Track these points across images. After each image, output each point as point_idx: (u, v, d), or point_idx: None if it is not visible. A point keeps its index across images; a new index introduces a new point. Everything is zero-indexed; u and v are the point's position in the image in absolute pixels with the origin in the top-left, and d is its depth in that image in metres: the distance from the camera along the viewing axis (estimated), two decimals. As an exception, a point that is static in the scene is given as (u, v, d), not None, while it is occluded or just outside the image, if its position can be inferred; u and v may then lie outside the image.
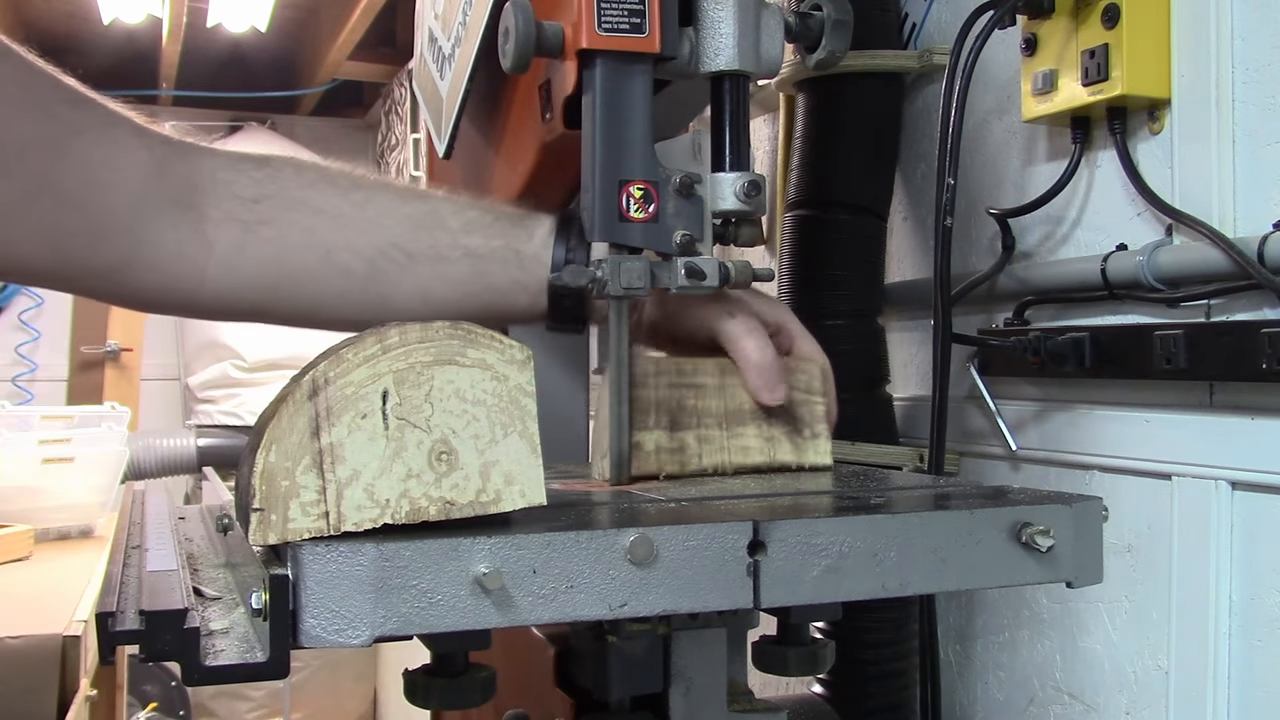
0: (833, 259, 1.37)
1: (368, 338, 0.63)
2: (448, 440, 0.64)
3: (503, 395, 0.65)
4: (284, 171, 0.91)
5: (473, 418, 0.64)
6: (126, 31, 3.90)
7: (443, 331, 0.64)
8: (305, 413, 0.61)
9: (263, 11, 3.59)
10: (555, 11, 0.82)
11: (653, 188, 0.82)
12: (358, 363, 0.62)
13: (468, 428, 0.64)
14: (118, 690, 2.81)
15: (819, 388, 0.93)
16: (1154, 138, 1.10)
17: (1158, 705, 1.10)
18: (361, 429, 0.62)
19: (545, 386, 0.81)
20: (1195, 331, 1.02)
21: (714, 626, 0.83)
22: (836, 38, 0.90)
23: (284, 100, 4.57)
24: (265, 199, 0.88)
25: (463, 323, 0.65)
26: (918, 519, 0.71)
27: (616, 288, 0.83)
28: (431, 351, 0.64)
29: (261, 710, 4.20)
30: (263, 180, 0.89)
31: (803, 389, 0.93)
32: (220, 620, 0.65)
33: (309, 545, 0.60)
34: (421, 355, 0.63)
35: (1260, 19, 1.00)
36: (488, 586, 0.61)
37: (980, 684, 1.34)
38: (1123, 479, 1.14)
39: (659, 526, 0.65)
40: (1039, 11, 1.14)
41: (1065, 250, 1.22)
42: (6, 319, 4.39)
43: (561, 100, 0.85)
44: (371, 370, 0.62)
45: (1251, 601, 1.02)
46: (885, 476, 0.99)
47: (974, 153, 1.34)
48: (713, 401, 0.90)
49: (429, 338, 0.64)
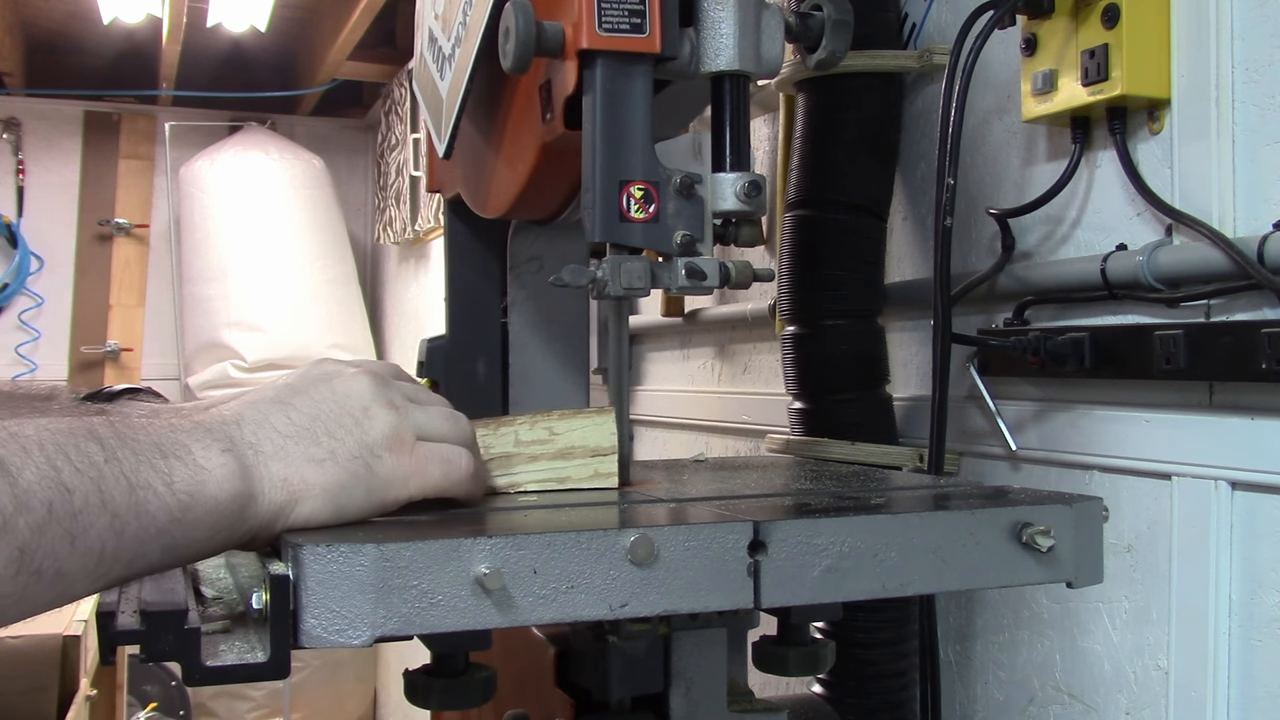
0: (833, 259, 1.37)
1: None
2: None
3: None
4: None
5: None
6: (126, 31, 3.91)
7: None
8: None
9: (262, 11, 3.58)
10: (556, 11, 0.82)
11: (653, 188, 0.82)
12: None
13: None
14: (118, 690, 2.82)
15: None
16: (1154, 138, 1.10)
17: (1158, 705, 1.10)
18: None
19: (546, 386, 0.81)
20: (1195, 331, 1.02)
21: (714, 627, 0.83)
22: (837, 38, 0.90)
23: (284, 100, 4.57)
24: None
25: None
26: (918, 519, 0.71)
27: (617, 288, 0.83)
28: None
29: (261, 710, 4.20)
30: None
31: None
32: (220, 620, 0.65)
33: (309, 545, 0.60)
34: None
35: (1260, 19, 1.01)
36: (488, 587, 0.61)
37: (980, 684, 1.34)
38: (1123, 479, 1.14)
39: (659, 527, 0.65)
40: (1039, 11, 1.14)
41: (1065, 250, 1.22)
42: (6, 319, 4.39)
43: (562, 100, 0.84)
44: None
45: (1251, 601, 1.02)
46: (885, 476, 0.99)
47: (974, 153, 1.34)
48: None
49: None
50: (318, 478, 0.68)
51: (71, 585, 0.58)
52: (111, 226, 4.53)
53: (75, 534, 0.57)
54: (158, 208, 4.62)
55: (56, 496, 0.56)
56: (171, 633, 0.59)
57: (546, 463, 0.86)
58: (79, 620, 2.30)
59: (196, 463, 0.63)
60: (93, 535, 0.57)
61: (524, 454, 0.85)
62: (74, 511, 0.57)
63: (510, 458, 0.85)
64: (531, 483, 0.85)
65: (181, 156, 4.48)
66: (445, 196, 1.30)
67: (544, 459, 0.86)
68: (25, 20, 4.06)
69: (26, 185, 4.43)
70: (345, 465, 0.70)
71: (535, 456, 0.86)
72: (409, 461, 0.73)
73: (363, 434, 0.72)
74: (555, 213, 1.06)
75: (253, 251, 4.21)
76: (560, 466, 0.86)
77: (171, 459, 0.62)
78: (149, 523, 0.60)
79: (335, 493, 0.69)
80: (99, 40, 4.16)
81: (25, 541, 0.54)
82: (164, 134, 4.59)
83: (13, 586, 0.54)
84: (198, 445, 0.64)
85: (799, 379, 1.41)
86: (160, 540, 0.61)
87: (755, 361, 1.88)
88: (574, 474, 0.86)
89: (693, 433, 2.06)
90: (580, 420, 0.86)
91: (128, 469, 0.60)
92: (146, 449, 0.62)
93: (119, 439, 0.61)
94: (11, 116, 4.41)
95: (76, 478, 0.57)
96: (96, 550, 0.58)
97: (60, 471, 0.57)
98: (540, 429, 0.86)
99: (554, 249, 1.20)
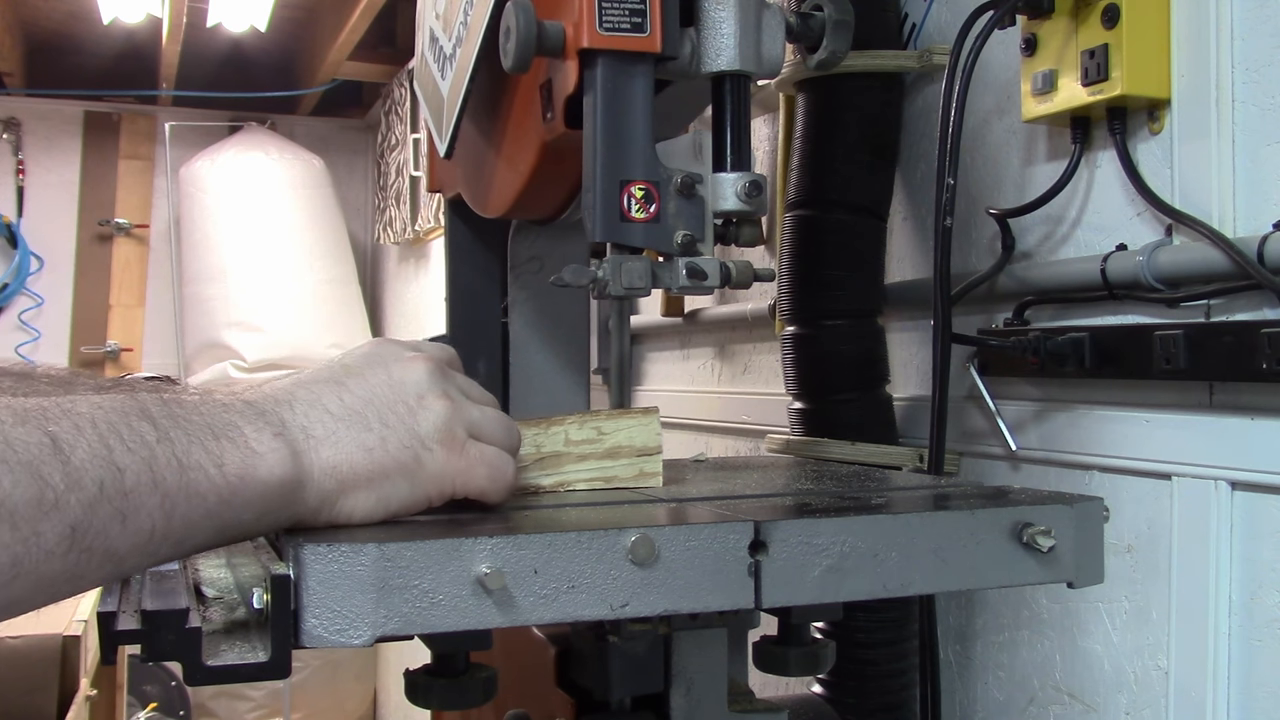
0: (833, 259, 1.37)
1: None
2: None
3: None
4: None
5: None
6: (126, 31, 3.90)
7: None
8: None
9: (262, 11, 3.58)
10: (556, 11, 0.82)
11: (654, 188, 0.82)
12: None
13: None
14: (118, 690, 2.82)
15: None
16: (1154, 138, 1.10)
17: (1158, 705, 1.10)
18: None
19: (546, 386, 0.81)
20: (1195, 331, 1.02)
21: (715, 627, 0.83)
22: (837, 38, 0.90)
23: (284, 100, 4.57)
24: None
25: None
26: (919, 519, 0.71)
27: (617, 288, 0.83)
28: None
29: (261, 710, 4.20)
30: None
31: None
32: (221, 620, 0.65)
33: (310, 545, 0.60)
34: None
35: (1260, 19, 1.01)
36: (489, 586, 0.61)
37: (980, 684, 1.34)
38: (1123, 479, 1.14)
39: (660, 527, 0.65)
40: (1039, 11, 1.14)
41: (1065, 250, 1.22)
42: (6, 319, 4.39)
43: (563, 100, 0.85)
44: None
45: (1251, 601, 1.02)
46: (885, 476, 0.99)
47: (974, 153, 1.34)
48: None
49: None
50: (366, 466, 0.67)
51: (121, 563, 0.58)
52: (111, 226, 4.53)
53: (126, 513, 0.56)
54: (158, 208, 4.62)
55: (108, 475, 0.56)
56: (172, 632, 0.59)
57: (595, 462, 0.86)
58: (79, 620, 2.30)
59: (248, 445, 0.63)
60: (143, 514, 0.57)
61: (573, 453, 0.86)
62: (125, 490, 0.56)
63: (560, 457, 0.86)
64: (580, 482, 0.86)
65: (181, 156, 4.48)
66: (446, 196, 1.30)
67: (592, 458, 0.86)
68: (25, 20, 4.06)
69: (26, 185, 4.43)
70: (395, 454, 0.69)
71: (584, 456, 0.86)
72: (459, 460, 0.72)
73: (415, 423, 0.70)
74: (556, 212, 1.06)
75: (253, 251, 4.21)
76: (608, 466, 0.86)
77: (223, 440, 0.62)
78: (199, 504, 0.60)
79: (381, 482, 0.68)
80: (99, 40, 4.16)
81: (77, 519, 0.54)
82: (164, 134, 4.59)
83: (64, 564, 0.54)
84: (250, 427, 0.64)
85: (799, 379, 1.41)
86: (210, 521, 0.61)
87: (755, 361, 1.88)
88: (620, 473, 0.87)
89: (693, 433, 2.06)
90: (627, 420, 0.87)
91: (179, 449, 0.60)
92: (199, 429, 0.62)
93: (171, 419, 0.61)
94: (11, 116, 4.42)
95: (128, 457, 0.57)
96: (147, 529, 0.58)
97: (112, 450, 0.57)
98: (589, 429, 0.86)
99: (554, 249, 1.20)
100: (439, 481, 0.71)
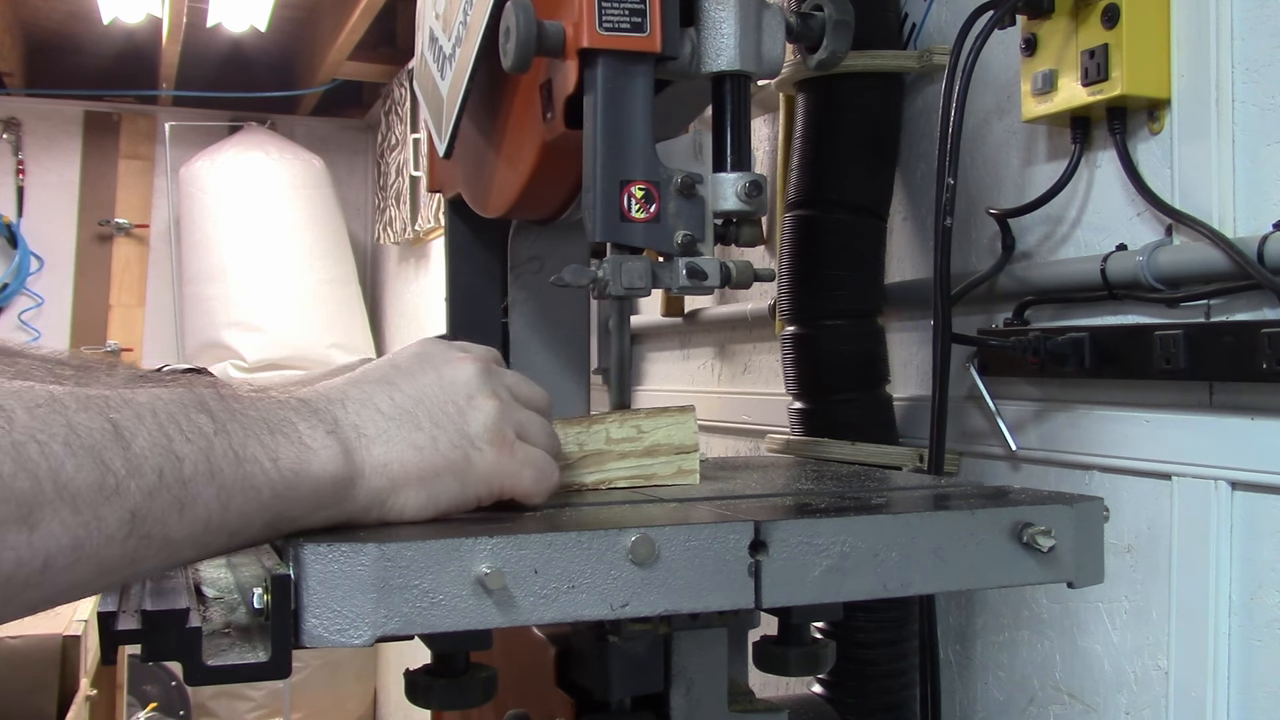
0: (833, 259, 1.37)
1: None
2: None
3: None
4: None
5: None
6: (126, 31, 3.90)
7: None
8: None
9: (262, 11, 3.59)
10: (556, 11, 0.82)
11: (654, 188, 0.82)
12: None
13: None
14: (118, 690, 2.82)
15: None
16: (1154, 138, 1.10)
17: (1158, 705, 1.10)
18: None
19: (546, 386, 0.81)
20: (1195, 331, 1.02)
21: (715, 627, 0.83)
22: (838, 38, 0.90)
23: (284, 100, 4.57)
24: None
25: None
26: (919, 519, 0.71)
27: (618, 288, 0.83)
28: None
29: (261, 710, 4.20)
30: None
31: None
32: (221, 620, 0.65)
33: (310, 545, 0.60)
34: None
35: (1260, 19, 1.01)
36: (489, 586, 0.61)
37: (980, 684, 1.34)
38: (1123, 479, 1.14)
39: (660, 527, 0.65)
40: (1039, 11, 1.14)
41: (1065, 250, 1.22)
42: (6, 319, 4.39)
43: (563, 100, 0.85)
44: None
45: (1251, 601, 1.02)
46: (885, 476, 0.99)
47: (974, 153, 1.34)
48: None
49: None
50: (416, 465, 0.68)
51: (178, 551, 0.58)
52: (111, 226, 4.53)
53: (184, 501, 0.57)
54: (158, 208, 4.62)
55: (167, 463, 0.56)
56: (173, 632, 0.59)
57: (635, 460, 0.87)
58: (79, 620, 2.30)
59: (302, 440, 0.64)
60: (200, 504, 0.58)
61: (615, 451, 0.87)
62: (184, 479, 0.57)
63: (602, 455, 0.87)
64: (621, 479, 0.87)
65: (181, 156, 4.48)
66: (446, 196, 1.30)
67: (633, 456, 0.87)
68: (25, 20, 4.06)
69: (26, 185, 4.43)
70: (445, 454, 0.69)
71: (625, 454, 0.87)
72: (508, 460, 0.72)
73: (465, 423, 0.71)
74: (556, 212, 1.06)
75: (253, 251, 4.21)
76: (647, 464, 0.88)
77: (278, 435, 0.63)
78: (254, 496, 0.61)
79: (431, 480, 0.69)
80: (99, 40, 4.16)
81: (137, 505, 0.55)
82: (164, 134, 4.60)
83: (123, 549, 0.55)
84: (304, 423, 0.65)
85: (799, 379, 1.41)
86: (263, 514, 0.62)
87: (755, 361, 1.88)
88: (659, 471, 0.88)
89: (693, 433, 2.06)
90: (665, 419, 0.88)
91: (236, 442, 0.60)
92: (255, 424, 0.62)
93: (228, 412, 0.61)
94: (11, 116, 4.42)
95: (186, 446, 0.58)
96: (203, 519, 0.58)
97: (171, 440, 0.57)
98: (629, 427, 0.88)
99: (555, 249, 1.20)
100: (488, 481, 0.72)
